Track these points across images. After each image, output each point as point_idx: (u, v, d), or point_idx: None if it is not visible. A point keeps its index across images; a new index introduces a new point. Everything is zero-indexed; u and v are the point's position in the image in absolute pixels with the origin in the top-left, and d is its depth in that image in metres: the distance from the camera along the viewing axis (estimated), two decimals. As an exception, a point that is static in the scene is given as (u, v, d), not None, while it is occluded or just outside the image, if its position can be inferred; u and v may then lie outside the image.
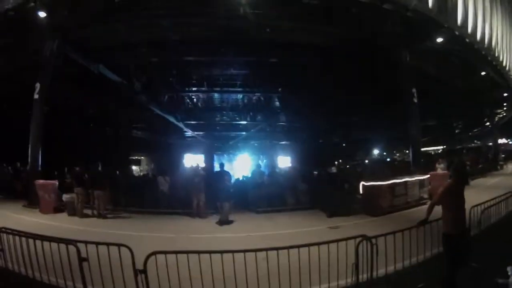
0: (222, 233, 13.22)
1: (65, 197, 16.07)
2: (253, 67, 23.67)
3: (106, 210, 15.91)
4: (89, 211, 15.83)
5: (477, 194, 14.35)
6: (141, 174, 30.30)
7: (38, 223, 13.47)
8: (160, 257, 5.49)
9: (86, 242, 5.77)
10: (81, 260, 5.48)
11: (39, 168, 18.28)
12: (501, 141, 58.49)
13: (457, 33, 21.42)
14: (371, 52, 20.83)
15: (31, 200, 17.25)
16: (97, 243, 5.82)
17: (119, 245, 5.66)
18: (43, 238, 6.33)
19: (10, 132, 22.32)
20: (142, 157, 39.16)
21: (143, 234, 12.09)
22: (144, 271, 5.23)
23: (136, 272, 5.30)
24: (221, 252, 5.77)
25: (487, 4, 26.30)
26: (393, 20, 19.05)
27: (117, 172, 23.36)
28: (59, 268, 6.09)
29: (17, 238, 6.69)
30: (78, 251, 5.52)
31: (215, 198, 15.55)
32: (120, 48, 19.33)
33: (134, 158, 37.83)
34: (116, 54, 19.61)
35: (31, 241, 6.36)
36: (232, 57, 21.12)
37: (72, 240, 5.76)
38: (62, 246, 5.90)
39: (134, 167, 35.40)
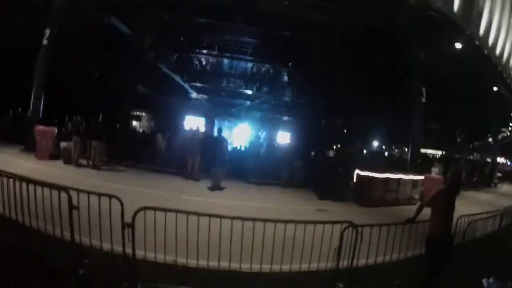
0: (212, 198, 13.34)
1: (62, 145, 16.07)
2: (266, 38, 23.49)
3: (101, 162, 15.98)
4: (84, 162, 15.87)
5: (466, 206, 14.46)
6: (141, 130, 30.29)
7: (33, 168, 13.52)
8: (149, 213, 5.52)
9: (78, 190, 5.78)
10: (72, 207, 5.46)
11: (40, 115, 18.17)
12: (500, 159, 58.59)
13: (477, 42, 21.15)
14: (388, 44, 20.61)
15: (28, 145, 17.17)
16: (89, 192, 5.82)
17: (110, 196, 5.67)
18: (36, 182, 6.25)
19: (13, 76, 22.08)
20: (144, 114, 39.00)
21: (135, 188, 12.17)
22: (131, 225, 5.24)
23: (124, 225, 5.33)
24: (209, 215, 5.79)
25: None
26: (415, 16, 18.82)
27: (117, 125, 23.37)
28: (49, 214, 6.16)
29: (11, 181, 6.61)
30: (70, 198, 5.50)
31: (209, 162, 15.62)
32: (133, 2, 19.10)
33: (135, 113, 37.68)
34: (129, 9, 19.37)
35: (24, 185, 6.31)
36: (245, 25, 20.89)
37: (64, 187, 5.73)
38: (54, 192, 5.88)
39: (134, 123, 35.35)
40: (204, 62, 29.23)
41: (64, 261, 5.39)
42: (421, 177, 19.28)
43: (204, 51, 26.54)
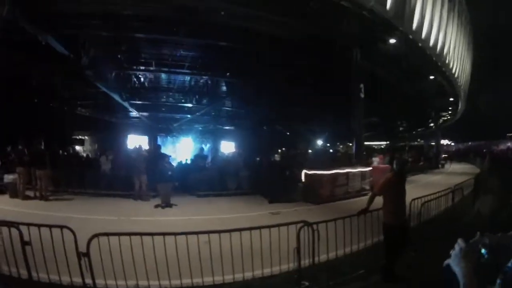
0: (163, 216, 13.24)
1: (6, 178, 15.48)
2: (203, 49, 23.48)
3: (48, 192, 15.41)
4: (31, 193, 15.32)
5: (417, 189, 14.92)
6: (85, 154, 29.63)
7: (-22, 207, 12.97)
8: (103, 240, 5.40)
9: (28, 225, 5.58)
10: (24, 243, 5.29)
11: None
12: (443, 141, 60.93)
13: (411, 37, 22.01)
14: (323, 46, 21.00)
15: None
16: (39, 225, 5.62)
17: (61, 227, 5.50)
18: (-17, 221, 5.94)
19: None
20: (86, 137, 38.21)
21: (86, 216, 11.91)
22: (87, 254, 5.13)
23: (79, 255, 5.20)
24: (163, 234, 5.74)
25: (444, 15, 27.23)
26: (349, 19, 19.29)
27: (60, 151, 22.77)
28: (1, 252, 5.85)
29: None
30: (21, 234, 5.32)
31: (154, 180, 15.51)
32: (71, 17, 18.61)
33: (77, 137, 36.89)
34: (66, 23, 18.85)
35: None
36: (183, 37, 20.79)
37: (14, 223, 5.55)
38: (4, 229, 5.65)
39: (77, 147, 34.57)
40: (142, 79, 28.87)
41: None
42: (369, 168, 19.74)
43: (142, 67, 26.21)
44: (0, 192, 15.61)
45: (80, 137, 37.20)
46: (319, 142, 53.23)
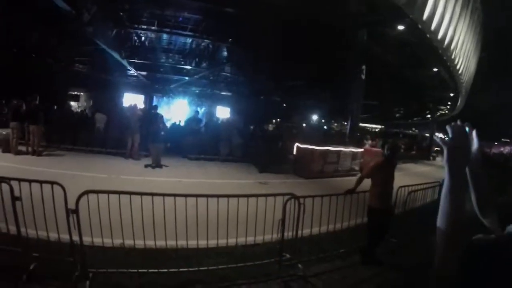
0: (154, 176, 13.35)
1: None
2: (207, 14, 23.27)
3: (41, 147, 15.44)
4: (24, 148, 15.33)
5: (406, 177, 15.08)
6: (79, 110, 29.47)
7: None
8: (92, 197, 5.41)
9: (19, 180, 5.52)
10: (15, 199, 5.22)
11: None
12: (438, 134, 61.16)
13: (420, 26, 21.78)
14: (330, 22, 20.84)
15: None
16: (30, 181, 5.56)
17: (52, 183, 5.47)
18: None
19: None
20: (81, 93, 37.87)
21: (77, 173, 12.07)
22: (76, 211, 5.15)
23: (68, 211, 5.23)
24: (152, 194, 5.73)
25: (457, 9, 26.88)
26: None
27: (55, 107, 22.65)
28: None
29: None
30: (12, 189, 5.26)
31: (147, 140, 15.55)
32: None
33: (73, 93, 36.57)
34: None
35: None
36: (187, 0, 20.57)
37: (5, 178, 5.49)
38: None
39: (72, 103, 34.31)
40: (143, 38, 28.61)
41: (12, 257, 5.25)
42: (360, 150, 19.83)
43: (143, 27, 25.91)
44: (-8, 147, 15.51)
45: (75, 93, 36.91)
46: (314, 118, 53.20)
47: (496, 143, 62.61)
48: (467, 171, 1.95)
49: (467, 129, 1.87)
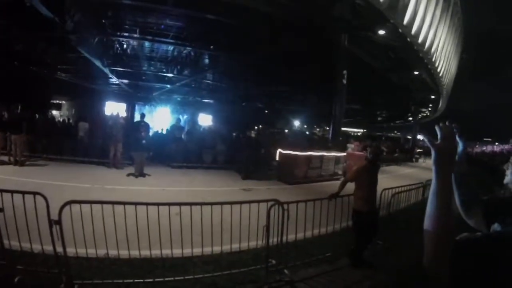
0: (137, 185, 13.28)
1: (-19, 143, 15.14)
2: (190, 21, 23.24)
3: (23, 157, 15.25)
4: (6, 158, 15.19)
5: (389, 180, 15.21)
6: (61, 119, 29.27)
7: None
8: (75, 207, 5.37)
9: (1, 191, 5.46)
10: None
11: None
12: (420, 137, 61.89)
13: (400, 30, 22.04)
14: (311, 27, 20.97)
15: None
16: (12, 192, 5.50)
17: (34, 194, 5.38)
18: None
19: None
20: (64, 102, 37.66)
21: (59, 183, 11.92)
22: (58, 222, 5.10)
23: (50, 222, 5.18)
24: (135, 204, 5.74)
25: (437, 13, 27.31)
26: (342, 3, 19.32)
27: (36, 115, 22.47)
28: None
29: None
30: None
31: (131, 148, 15.50)
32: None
33: (55, 102, 36.37)
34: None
35: None
36: (171, 7, 20.53)
37: None
38: None
39: (54, 112, 34.11)
40: (125, 45, 28.49)
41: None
42: (343, 154, 19.95)
43: (126, 34, 25.81)
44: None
45: (57, 101, 36.69)
46: (297, 123, 53.41)
47: (477, 143, 63.38)
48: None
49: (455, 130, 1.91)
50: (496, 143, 62.24)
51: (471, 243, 1.66)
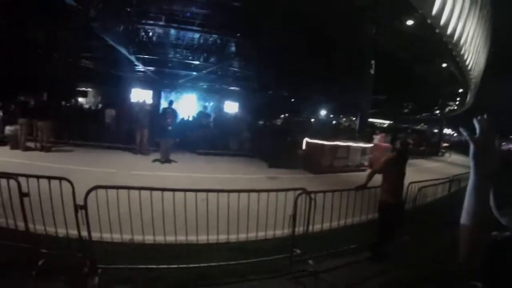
0: (163, 171, 13.36)
1: (8, 129, 15.37)
2: (215, 8, 23.16)
3: (49, 143, 15.40)
4: (32, 144, 15.33)
5: (415, 173, 14.96)
6: (87, 106, 29.58)
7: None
8: (101, 192, 5.36)
9: (27, 176, 5.44)
10: (22, 195, 5.15)
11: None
12: (446, 131, 61.07)
13: (429, 21, 21.65)
14: (339, 16, 20.74)
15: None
16: (38, 177, 5.47)
17: (60, 179, 5.40)
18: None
19: None
20: (90, 89, 38.04)
21: (85, 168, 12.04)
22: (84, 207, 5.07)
23: (76, 207, 5.14)
24: (162, 189, 5.66)
25: (466, 5, 26.74)
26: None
27: (63, 103, 22.70)
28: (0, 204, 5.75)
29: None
30: (19, 185, 5.19)
31: (157, 135, 15.52)
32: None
33: (81, 89, 36.76)
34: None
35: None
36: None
37: (13, 174, 5.39)
38: (3, 181, 5.45)
39: (80, 99, 34.49)
40: (151, 33, 28.56)
41: (21, 254, 5.19)
42: (370, 145, 19.74)
43: (151, 22, 25.84)
44: (1, 143, 15.51)
45: (83, 89, 37.06)
46: (323, 113, 53.07)
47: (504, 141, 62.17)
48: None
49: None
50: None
51: (505, 241, 1.58)
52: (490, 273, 1.47)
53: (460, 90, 41.51)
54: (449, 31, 24.84)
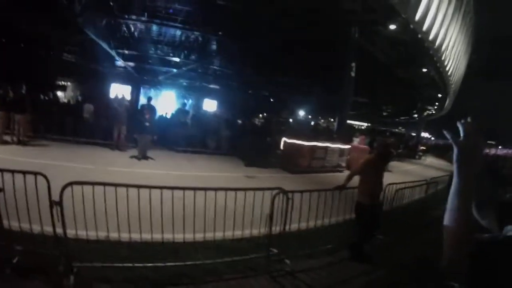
0: (140, 168, 13.25)
1: (-16, 122, 15.03)
2: (198, 5, 23.13)
3: (26, 137, 15.17)
4: (9, 138, 15.01)
5: (392, 176, 15.15)
6: (66, 100, 29.24)
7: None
8: (77, 188, 5.28)
9: (1, 170, 5.36)
10: None
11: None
12: (424, 134, 61.92)
13: (412, 26, 21.89)
14: (322, 18, 20.85)
15: None
16: (13, 171, 5.39)
17: (35, 174, 5.29)
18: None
19: None
20: (69, 83, 37.58)
21: (62, 163, 11.87)
22: (59, 203, 5.00)
23: (51, 203, 5.09)
24: (138, 186, 5.66)
25: (450, 12, 27.12)
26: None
27: (41, 96, 22.41)
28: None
29: None
30: None
31: (135, 131, 15.43)
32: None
33: (60, 83, 36.29)
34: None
35: None
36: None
37: None
38: None
39: (59, 93, 34.05)
40: (132, 29, 28.40)
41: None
42: (347, 146, 19.88)
43: (133, 17, 25.68)
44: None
45: (63, 83, 36.62)
46: (302, 113, 53.30)
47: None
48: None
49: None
50: (500, 147, 62.10)
51: (494, 244, 1.61)
52: (471, 275, 1.51)
53: (440, 95, 42.04)
54: (431, 36, 25.16)
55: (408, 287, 6.33)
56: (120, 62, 32.32)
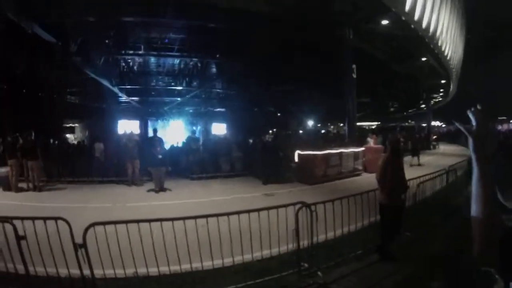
0: (158, 200, 13.18)
1: (-2, 172, 15.16)
2: (192, 31, 23.27)
3: (41, 182, 15.21)
4: (24, 185, 15.05)
5: (411, 169, 15.00)
6: (75, 142, 29.44)
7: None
8: (99, 228, 5.28)
9: (22, 218, 5.37)
10: (19, 238, 5.08)
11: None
12: (434, 123, 61.62)
13: (403, 18, 21.89)
14: (314, 24, 20.89)
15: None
16: (34, 218, 5.41)
17: (56, 219, 5.32)
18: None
19: None
20: (76, 124, 37.95)
21: (80, 205, 11.89)
22: (83, 245, 4.99)
23: (75, 246, 5.06)
24: (161, 220, 5.65)
25: None
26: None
27: (51, 140, 22.57)
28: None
29: None
30: (15, 229, 5.12)
31: (148, 164, 15.40)
32: (56, 4, 18.14)
33: (68, 125, 36.67)
34: (52, 11, 18.38)
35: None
36: (170, 19, 20.57)
37: (8, 217, 5.34)
38: None
39: (68, 135, 34.39)
40: (131, 63, 28.63)
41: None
42: (361, 149, 19.75)
43: (130, 51, 25.90)
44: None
45: (70, 125, 36.95)
46: (310, 123, 53.25)
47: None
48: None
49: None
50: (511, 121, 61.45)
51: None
52: (503, 259, 1.45)
53: (443, 81, 41.82)
54: (424, 24, 25.12)
55: (439, 278, 6.21)
56: (124, 98, 32.54)
